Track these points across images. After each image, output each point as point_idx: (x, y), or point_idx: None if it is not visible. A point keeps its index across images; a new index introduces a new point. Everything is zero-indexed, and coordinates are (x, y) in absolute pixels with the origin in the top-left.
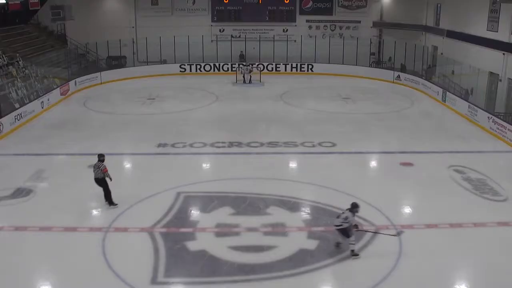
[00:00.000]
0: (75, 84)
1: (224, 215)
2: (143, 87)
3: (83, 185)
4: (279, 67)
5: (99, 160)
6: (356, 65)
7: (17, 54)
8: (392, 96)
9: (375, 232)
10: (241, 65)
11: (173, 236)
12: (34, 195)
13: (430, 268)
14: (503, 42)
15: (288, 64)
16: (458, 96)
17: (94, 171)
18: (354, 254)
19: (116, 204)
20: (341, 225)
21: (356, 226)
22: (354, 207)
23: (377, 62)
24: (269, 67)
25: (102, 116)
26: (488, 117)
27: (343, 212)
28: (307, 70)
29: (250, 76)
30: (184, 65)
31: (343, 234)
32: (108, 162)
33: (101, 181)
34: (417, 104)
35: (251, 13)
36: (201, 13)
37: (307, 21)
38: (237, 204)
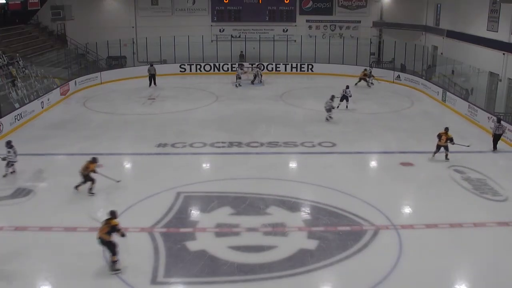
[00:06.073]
0: (75, 84)
1: (224, 215)
2: (143, 87)
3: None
4: (279, 67)
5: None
6: (356, 65)
7: (17, 54)
8: (392, 96)
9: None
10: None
11: (173, 236)
12: (34, 195)
13: (430, 268)
14: (503, 42)
15: (288, 64)
16: (458, 96)
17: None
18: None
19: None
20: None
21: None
22: (331, 98)
23: (377, 62)
24: (269, 67)
25: (102, 116)
26: (488, 117)
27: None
28: (307, 70)
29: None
30: (184, 65)
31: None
32: (108, 162)
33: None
34: (417, 104)
35: (251, 13)
36: (201, 13)
37: (307, 21)
38: (237, 204)
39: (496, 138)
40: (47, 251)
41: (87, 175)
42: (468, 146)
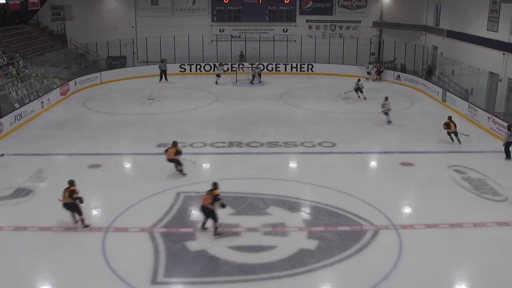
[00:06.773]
0: (75, 84)
1: (224, 215)
2: (143, 87)
3: (83, 185)
4: (279, 67)
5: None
6: (356, 65)
7: (17, 54)
8: (392, 96)
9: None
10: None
11: (173, 236)
12: (34, 195)
13: (430, 268)
14: (503, 42)
15: (288, 64)
16: (458, 96)
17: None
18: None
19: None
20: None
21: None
22: (386, 100)
23: (378, 62)
24: (269, 67)
25: (102, 116)
26: (488, 117)
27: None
28: (307, 70)
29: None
30: (184, 65)
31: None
32: (108, 162)
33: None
34: (417, 104)
35: (251, 13)
36: (201, 13)
37: (307, 21)
38: (237, 204)
39: (508, 145)
40: (47, 251)
41: (175, 159)
42: (467, 135)
